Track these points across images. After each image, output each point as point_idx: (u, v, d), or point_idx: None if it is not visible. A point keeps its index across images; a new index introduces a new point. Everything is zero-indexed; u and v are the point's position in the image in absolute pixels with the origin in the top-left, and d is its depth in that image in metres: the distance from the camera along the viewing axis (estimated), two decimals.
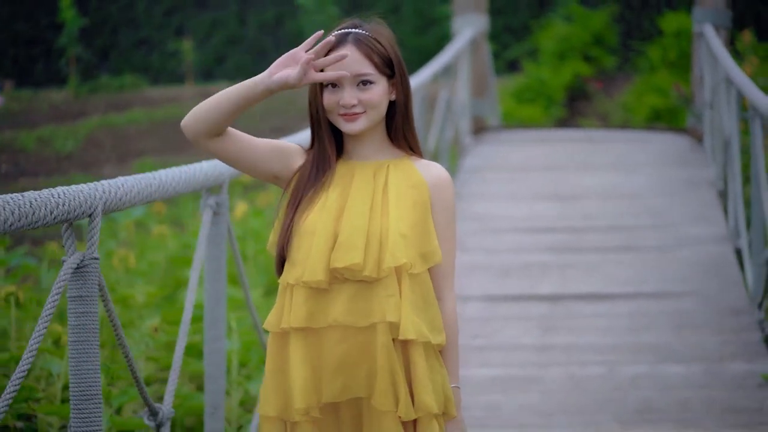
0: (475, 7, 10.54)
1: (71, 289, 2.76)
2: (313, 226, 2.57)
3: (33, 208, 2.49)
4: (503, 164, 9.73)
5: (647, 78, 14.78)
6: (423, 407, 2.55)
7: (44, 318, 2.61)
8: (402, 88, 2.63)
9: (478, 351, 5.59)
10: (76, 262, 2.74)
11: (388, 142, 2.66)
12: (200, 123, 2.56)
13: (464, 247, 7.44)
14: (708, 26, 9.43)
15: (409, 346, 2.56)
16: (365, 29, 2.62)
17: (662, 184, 8.62)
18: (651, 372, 5.18)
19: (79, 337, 2.78)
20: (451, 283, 2.67)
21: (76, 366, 2.78)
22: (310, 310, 2.55)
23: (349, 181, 2.62)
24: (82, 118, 20.58)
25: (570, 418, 4.68)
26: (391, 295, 2.54)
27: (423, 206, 2.61)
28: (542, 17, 20.06)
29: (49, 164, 17.17)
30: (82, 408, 2.78)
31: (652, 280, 6.54)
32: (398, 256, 2.53)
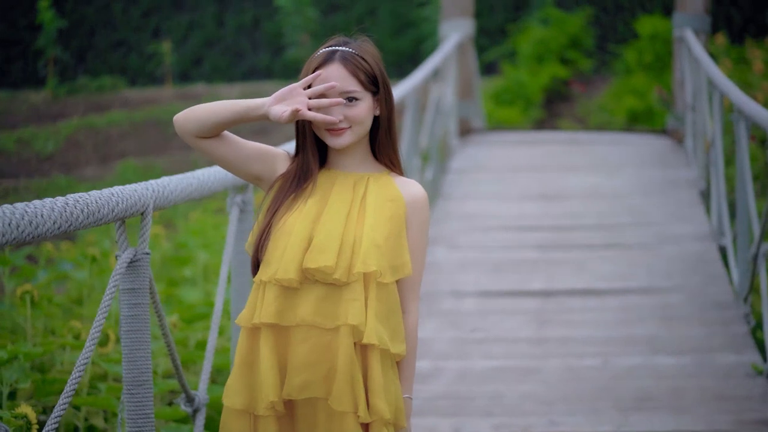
0: (461, 13, 10.79)
1: (124, 282, 2.95)
2: (289, 228, 2.65)
3: (98, 206, 2.68)
4: (490, 165, 9.98)
5: (624, 80, 15.01)
6: (377, 412, 2.62)
7: (102, 311, 2.79)
8: (386, 105, 2.72)
9: (478, 343, 5.82)
10: (130, 257, 2.93)
11: (371, 156, 2.75)
12: (194, 124, 2.67)
13: (456, 245, 7.68)
14: (688, 31, 9.71)
15: (367, 350, 2.63)
16: (351, 47, 2.69)
17: (645, 184, 8.89)
18: (644, 363, 5.42)
19: (132, 327, 2.98)
20: (416, 296, 2.74)
21: (129, 354, 2.97)
22: (280, 308, 2.63)
23: (329, 189, 2.70)
24: (61, 119, 20.60)
25: (571, 406, 4.91)
26: (355, 299, 2.61)
27: (399, 221, 2.69)
28: (518, 20, 20.27)
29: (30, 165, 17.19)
30: (134, 392, 2.98)
31: (638, 276, 6.78)
32: (369, 263, 2.61)
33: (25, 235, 2.31)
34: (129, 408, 2.96)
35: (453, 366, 5.52)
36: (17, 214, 2.30)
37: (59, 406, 2.60)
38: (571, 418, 4.78)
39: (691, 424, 4.64)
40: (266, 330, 2.64)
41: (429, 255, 7.35)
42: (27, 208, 2.37)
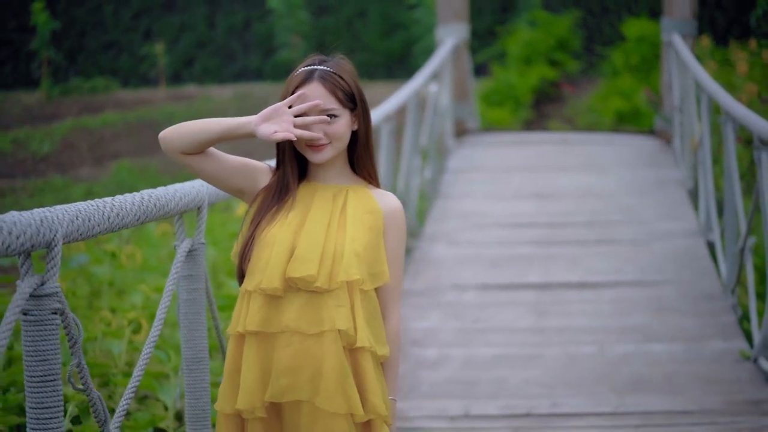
0: (456, 17, 11.16)
1: (183, 269, 3.30)
2: (272, 239, 2.74)
3: (167, 200, 3.03)
4: (485, 165, 10.35)
5: (611, 82, 15.31)
6: (374, 409, 2.73)
7: (166, 295, 3.12)
8: (363, 120, 2.82)
9: (480, 333, 6.18)
10: (188, 247, 3.28)
11: (349, 169, 2.85)
12: (182, 141, 2.73)
13: (455, 242, 8.05)
14: (676, 35, 10.10)
15: (358, 353, 2.73)
16: (329, 65, 2.79)
17: (635, 184, 9.29)
18: (638, 350, 5.78)
19: (190, 309, 3.33)
20: (396, 302, 2.84)
21: (187, 334, 3.32)
22: (265, 316, 2.72)
23: (309, 201, 2.80)
24: (56, 120, 20.78)
25: (570, 390, 5.27)
26: (341, 306, 2.71)
27: (377, 231, 2.79)
28: (506, 22, 20.57)
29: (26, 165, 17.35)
30: (193, 368, 3.33)
31: (630, 270, 7.16)
32: (352, 272, 2.71)
33: (114, 225, 2.65)
34: (188, 382, 3.30)
35: (458, 353, 5.87)
36: (107, 207, 2.63)
37: (129, 390, 2.91)
38: (571, 400, 5.14)
39: (683, 405, 5.01)
40: (251, 337, 2.73)
41: (430, 251, 7.78)
42: (114, 202, 2.70)
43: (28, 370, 2.33)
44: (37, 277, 2.31)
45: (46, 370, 2.32)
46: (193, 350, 3.30)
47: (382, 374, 2.79)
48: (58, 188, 15.69)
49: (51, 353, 2.33)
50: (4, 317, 2.20)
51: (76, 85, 24.40)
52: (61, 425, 2.35)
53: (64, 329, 2.40)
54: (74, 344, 2.45)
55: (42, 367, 2.32)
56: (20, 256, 2.28)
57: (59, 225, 2.35)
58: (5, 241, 2.15)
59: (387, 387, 2.80)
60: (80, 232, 2.46)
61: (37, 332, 2.32)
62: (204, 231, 3.32)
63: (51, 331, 2.33)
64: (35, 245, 2.28)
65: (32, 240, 2.25)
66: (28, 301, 2.30)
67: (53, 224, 2.33)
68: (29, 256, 2.30)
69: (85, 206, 2.51)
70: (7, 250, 2.17)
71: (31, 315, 2.31)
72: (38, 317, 2.32)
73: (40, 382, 2.33)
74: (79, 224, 2.45)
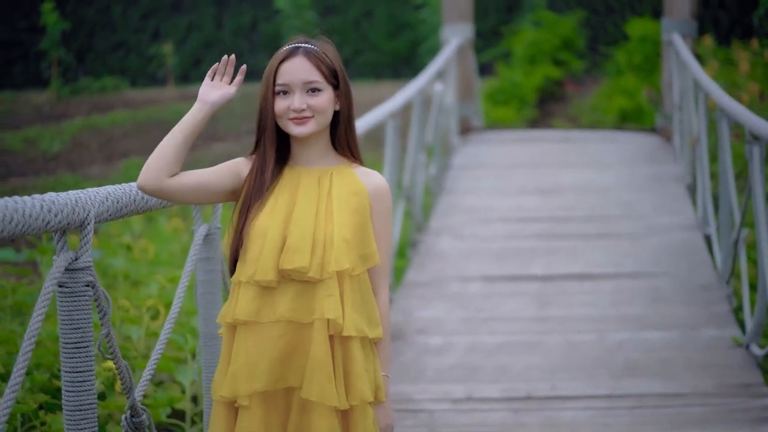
0: (461, 18, 11.40)
1: (201, 252, 3.51)
2: (263, 230, 2.75)
3: None
4: (489, 162, 10.59)
5: (615, 81, 15.50)
6: (358, 395, 2.75)
7: (185, 275, 3.34)
8: (346, 100, 2.84)
9: (484, 322, 6.40)
10: (205, 231, 3.50)
11: (332, 150, 2.85)
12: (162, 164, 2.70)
13: (460, 236, 8.27)
14: (676, 35, 10.31)
15: (347, 341, 2.76)
16: (314, 44, 2.82)
17: (635, 179, 9.51)
18: (635, 337, 6.00)
19: (207, 290, 3.55)
20: (386, 281, 2.86)
21: (204, 312, 3.54)
22: (258, 306, 2.74)
23: (296, 187, 2.80)
24: (66, 119, 20.99)
25: (570, 374, 5.49)
26: (330, 295, 2.73)
27: (363, 212, 2.80)
28: (511, 22, 20.76)
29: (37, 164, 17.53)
30: (210, 345, 3.55)
31: (629, 263, 7.37)
32: (342, 261, 2.73)
33: (140, 208, 2.87)
34: (205, 357, 3.53)
35: (462, 341, 6.09)
36: (134, 191, 2.85)
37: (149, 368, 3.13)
38: (570, 384, 5.36)
39: (677, 388, 5.22)
40: (242, 327, 2.76)
41: (436, 245, 8.00)
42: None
43: (64, 337, 2.54)
44: (72, 253, 2.52)
45: (80, 337, 2.54)
46: (209, 327, 3.52)
47: (375, 355, 2.81)
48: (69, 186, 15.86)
49: (84, 322, 2.54)
50: (42, 288, 2.41)
51: (85, 85, 24.61)
52: (93, 388, 2.56)
53: (95, 301, 2.61)
54: (104, 316, 2.66)
55: (76, 334, 2.54)
56: (56, 233, 2.49)
57: (92, 205, 2.57)
58: (45, 218, 2.37)
59: (381, 364, 2.83)
60: (110, 212, 2.67)
61: (72, 303, 2.53)
62: (220, 216, 3.54)
63: (84, 302, 2.55)
64: (70, 223, 2.49)
65: (68, 218, 2.47)
66: (63, 274, 2.51)
67: (86, 204, 2.55)
68: (65, 233, 2.51)
69: (114, 189, 2.73)
70: (47, 226, 2.39)
71: (66, 287, 2.53)
72: (72, 289, 2.53)
73: (74, 349, 2.54)
74: (109, 205, 2.66)
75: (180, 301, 3.27)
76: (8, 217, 2.20)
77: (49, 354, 4.43)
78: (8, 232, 2.21)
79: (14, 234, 2.23)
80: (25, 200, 2.31)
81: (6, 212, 2.20)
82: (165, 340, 3.16)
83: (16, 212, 2.24)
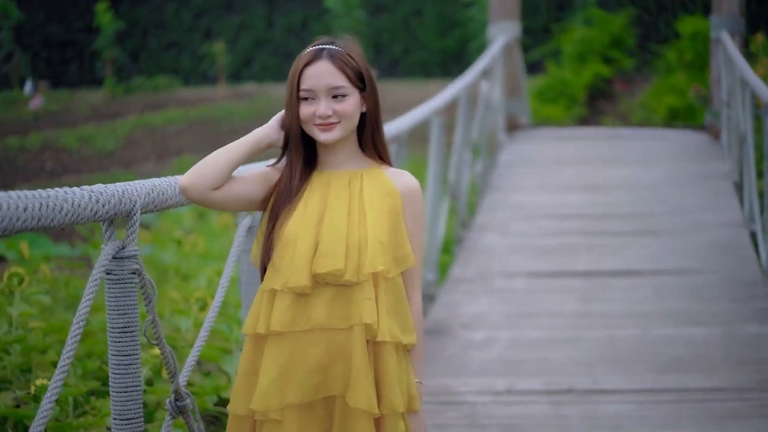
0: (508, 16, 11.46)
1: (244, 243, 3.62)
2: (294, 235, 2.67)
3: None
4: (535, 159, 10.65)
5: (665, 79, 15.46)
6: (390, 406, 2.65)
7: (227, 270, 3.44)
8: (372, 101, 2.75)
9: (527, 317, 6.47)
10: (249, 223, 3.60)
11: (360, 152, 2.77)
12: (209, 176, 2.67)
13: (505, 232, 8.35)
14: (724, 33, 10.31)
15: (380, 347, 2.66)
16: (338, 45, 2.72)
17: (681, 177, 9.52)
18: (677, 333, 6.04)
19: (250, 279, 3.65)
20: (418, 284, 2.77)
21: (247, 303, 3.64)
22: (294, 315, 2.66)
23: (326, 190, 2.72)
24: (119, 117, 21.29)
25: (610, 368, 5.55)
26: (367, 298, 2.64)
27: (396, 213, 2.71)
28: (562, 20, 20.75)
29: (92, 162, 17.78)
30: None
31: (673, 259, 7.41)
32: (377, 262, 2.64)
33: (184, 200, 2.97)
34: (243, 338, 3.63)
35: (505, 336, 6.16)
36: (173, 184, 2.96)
37: (193, 354, 3.24)
38: (610, 378, 5.42)
39: (716, 382, 5.26)
40: (273, 338, 2.67)
41: (481, 241, 8.09)
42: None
43: (111, 322, 2.65)
44: (119, 242, 2.63)
45: (126, 322, 2.65)
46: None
47: (408, 362, 2.73)
48: None
49: (130, 308, 2.65)
50: (91, 275, 2.53)
51: (139, 84, 24.93)
52: (138, 371, 2.67)
53: (141, 288, 2.73)
54: (149, 302, 2.77)
55: (122, 319, 2.65)
56: (104, 223, 2.60)
57: (138, 196, 2.68)
58: (93, 208, 2.48)
59: (414, 371, 2.75)
60: (155, 203, 2.78)
61: (119, 289, 2.64)
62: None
63: (130, 289, 2.66)
64: (117, 213, 2.60)
65: (115, 208, 2.58)
66: (111, 262, 2.62)
67: (133, 195, 2.66)
68: (112, 222, 2.62)
69: (159, 182, 2.83)
70: (95, 216, 2.50)
71: (114, 274, 2.64)
72: (119, 276, 2.64)
73: (120, 333, 2.65)
74: (154, 197, 2.77)
75: (224, 290, 3.37)
76: (58, 207, 2.31)
77: (100, 343, 4.56)
78: (58, 221, 2.31)
79: (64, 223, 2.34)
80: (75, 191, 2.42)
81: (56, 202, 2.31)
82: (209, 328, 3.26)
83: (66, 202, 2.35)
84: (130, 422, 2.66)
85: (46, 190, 2.32)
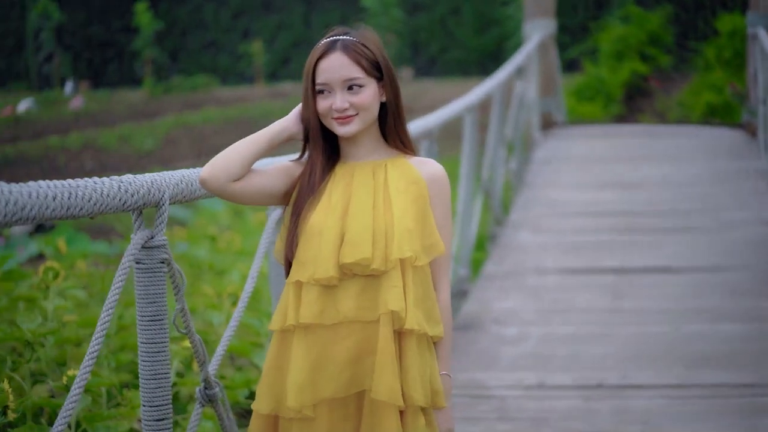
0: (543, 13, 11.47)
1: (273, 236, 3.67)
2: (319, 227, 2.62)
3: None
4: (570, 156, 10.65)
5: (703, 76, 15.40)
6: (408, 398, 2.59)
7: (257, 261, 3.50)
8: (392, 90, 2.68)
9: (559, 313, 6.49)
10: (279, 216, 3.65)
11: (383, 143, 2.72)
12: (231, 167, 2.62)
13: (538, 229, 8.37)
14: (761, 29, 10.25)
15: (404, 337, 2.60)
16: (352, 35, 2.65)
17: (716, 174, 9.50)
18: (710, 329, 6.03)
19: (278, 272, 3.71)
20: (446, 274, 2.71)
21: (276, 295, 3.70)
22: (321, 307, 2.60)
23: (349, 181, 2.67)
24: (158, 116, 21.47)
25: (641, 363, 5.55)
26: (394, 286, 2.57)
27: (423, 201, 2.65)
28: (600, 18, 20.69)
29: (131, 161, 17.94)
30: None
31: (706, 256, 7.40)
32: (405, 249, 2.58)
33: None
34: None
35: (537, 331, 6.18)
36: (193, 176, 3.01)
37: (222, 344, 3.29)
38: (641, 373, 5.42)
39: (747, 378, 5.25)
40: (302, 332, 2.62)
41: (515, 238, 8.11)
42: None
43: (140, 311, 2.71)
44: (148, 232, 2.69)
45: (155, 310, 2.70)
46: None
47: (432, 355, 2.66)
48: None
49: (159, 296, 2.71)
50: (120, 264, 2.58)
51: (177, 83, 25.10)
52: (167, 359, 2.72)
53: (170, 278, 2.78)
54: (178, 292, 2.82)
55: (151, 308, 2.70)
56: (134, 213, 2.66)
57: (167, 187, 2.73)
58: (122, 198, 2.53)
59: (439, 364, 2.68)
60: (184, 194, 2.83)
61: (148, 278, 2.70)
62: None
63: (159, 278, 2.71)
64: (146, 203, 2.65)
65: (144, 198, 2.63)
66: (140, 251, 2.68)
67: (162, 186, 2.71)
68: (141, 212, 2.68)
69: (188, 173, 2.88)
70: (124, 205, 2.55)
71: (143, 263, 2.69)
72: (148, 265, 2.69)
73: (149, 322, 2.70)
74: (183, 188, 2.82)
75: (253, 282, 3.42)
76: (87, 196, 2.36)
77: (134, 337, 4.64)
78: (87, 210, 2.36)
79: (92, 212, 2.38)
80: (104, 181, 2.47)
81: (85, 191, 2.36)
82: (238, 318, 3.32)
83: (95, 192, 2.40)
84: (159, 408, 2.71)
85: (75, 180, 2.36)
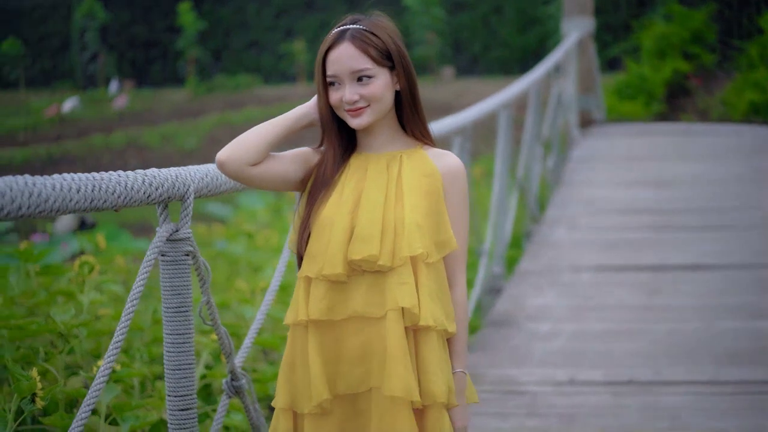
0: (582, 11, 11.46)
1: None
2: (329, 221, 2.57)
3: None
4: (608, 154, 10.65)
5: (746, 74, 15.29)
6: (431, 396, 2.53)
7: (284, 254, 3.55)
8: (405, 78, 2.61)
9: (592, 310, 6.50)
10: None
11: (401, 132, 2.66)
12: (249, 151, 2.58)
13: (575, 226, 8.38)
14: None
15: (421, 333, 2.55)
16: (362, 24, 2.57)
17: (752, 172, 9.47)
18: (742, 326, 6.02)
19: None
20: (462, 269, 2.64)
21: None
22: (330, 303, 2.56)
23: (363, 174, 2.62)
24: (201, 116, 21.63)
25: (673, 360, 5.55)
26: (404, 283, 2.52)
27: (436, 195, 2.59)
28: (642, 16, 20.59)
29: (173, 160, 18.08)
30: None
31: (740, 254, 7.38)
32: (415, 246, 2.52)
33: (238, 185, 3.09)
34: None
35: (569, 328, 6.20)
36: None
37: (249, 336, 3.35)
38: (671, 369, 5.43)
39: None
40: (312, 327, 2.58)
41: (550, 235, 8.13)
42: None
43: (165, 302, 2.77)
44: (173, 225, 2.74)
45: (180, 302, 2.76)
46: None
47: (446, 352, 2.60)
48: None
49: (183, 288, 2.77)
50: (146, 256, 2.64)
51: (220, 83, 25.26)
52: (191, 350, 2.78)
53: (195, 270, 2.84)
54: (204, 284, 2.89)
55: (176, 299, 2.76)
56: (159, 206, 2.72)
57: (191, 181, 2.79)
58: (146, 191, 2.59)
59: (454, 360, 2.62)
60: (209, 188, 2.89)
61: (173, 270, 2.76)
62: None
63: (184, 270, 2.77)
64: (171, 197, 2.71)
65: (169, 192, 2.68)
66: (165, 244, 2.74)
67: (186, 180, 2.77)
68: (166, 206, 2.73)
69: (213, 167, 2.93)
70: (148, 199, 2.61)
71: (168, 256, 2.75)
72: (173, 258, 2.75)
73: (174, 313, 2.77)
74: (208, 182, 2.88)
75: (280, 274, 3.47)
76: (111, 189, 2.42)
77: None
78: (111, 203, 2.42)
79: (117, 205, 2.44)
80: (128, 174, 2.54)
81: (109, 184, 2.42)
82: (265, 311, 3.37)
83: (119, 185, 2.46)
84: (184, 398, 2.78)
85: (100, 173, 2.43)
